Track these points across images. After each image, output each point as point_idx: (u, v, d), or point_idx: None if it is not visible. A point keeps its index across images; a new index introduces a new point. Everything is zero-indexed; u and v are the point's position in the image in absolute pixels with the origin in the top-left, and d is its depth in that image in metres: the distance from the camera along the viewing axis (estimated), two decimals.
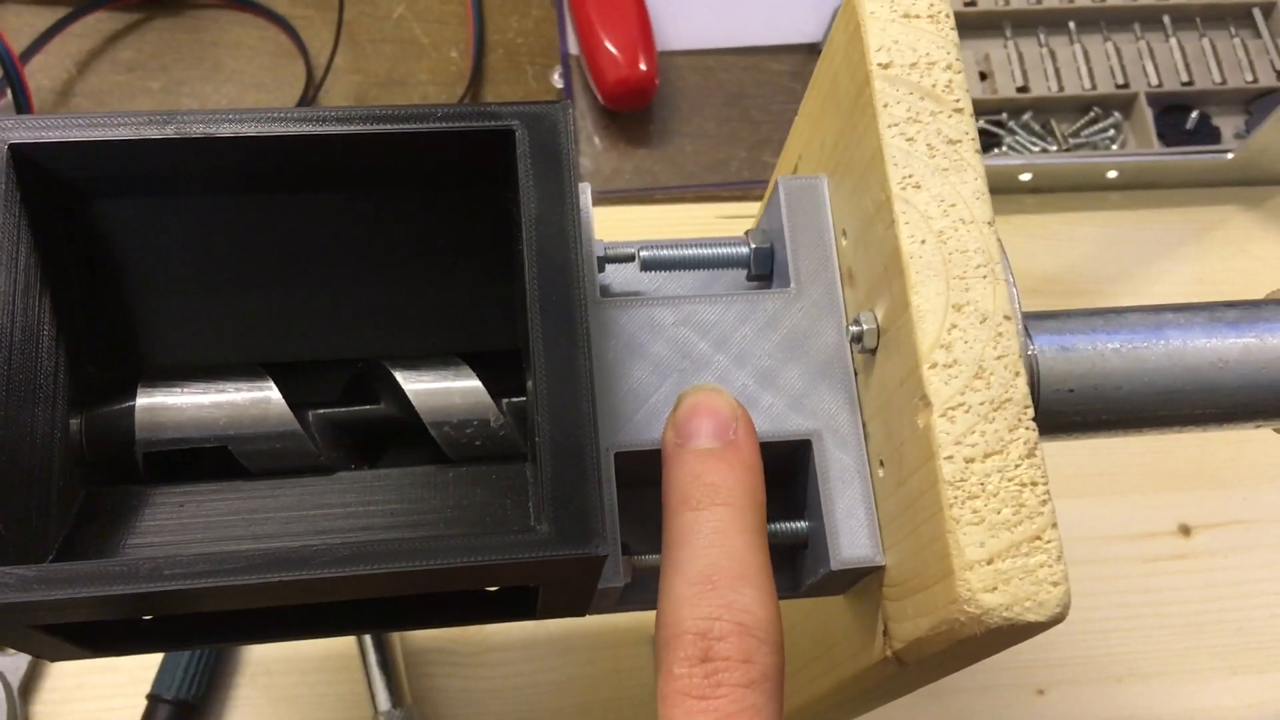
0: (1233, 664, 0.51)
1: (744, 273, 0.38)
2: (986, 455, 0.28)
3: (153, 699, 0.45)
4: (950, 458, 0.28)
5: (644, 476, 0.35)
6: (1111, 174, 0.57)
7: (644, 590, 0.35)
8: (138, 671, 0.46)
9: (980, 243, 0.30)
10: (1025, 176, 0.57)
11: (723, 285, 0.39)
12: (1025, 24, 0.62)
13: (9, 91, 0.51)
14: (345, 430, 0.34)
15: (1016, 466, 0.28)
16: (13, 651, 0.45)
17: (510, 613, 0.34)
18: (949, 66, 0.32)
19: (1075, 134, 0.60)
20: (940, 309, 0.29)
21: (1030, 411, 0.29)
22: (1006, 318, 0.30)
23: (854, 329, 0.32)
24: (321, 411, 0.34)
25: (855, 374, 0.34)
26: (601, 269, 0.36)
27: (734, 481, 0.30)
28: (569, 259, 0.30)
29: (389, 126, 0.30)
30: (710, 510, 0.30)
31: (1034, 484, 0.28)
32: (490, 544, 0.27)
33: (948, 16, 0.32)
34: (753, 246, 0.37)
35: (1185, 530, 0.53)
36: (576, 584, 0.31)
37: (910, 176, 0.31)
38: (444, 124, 0.31)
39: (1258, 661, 0.51)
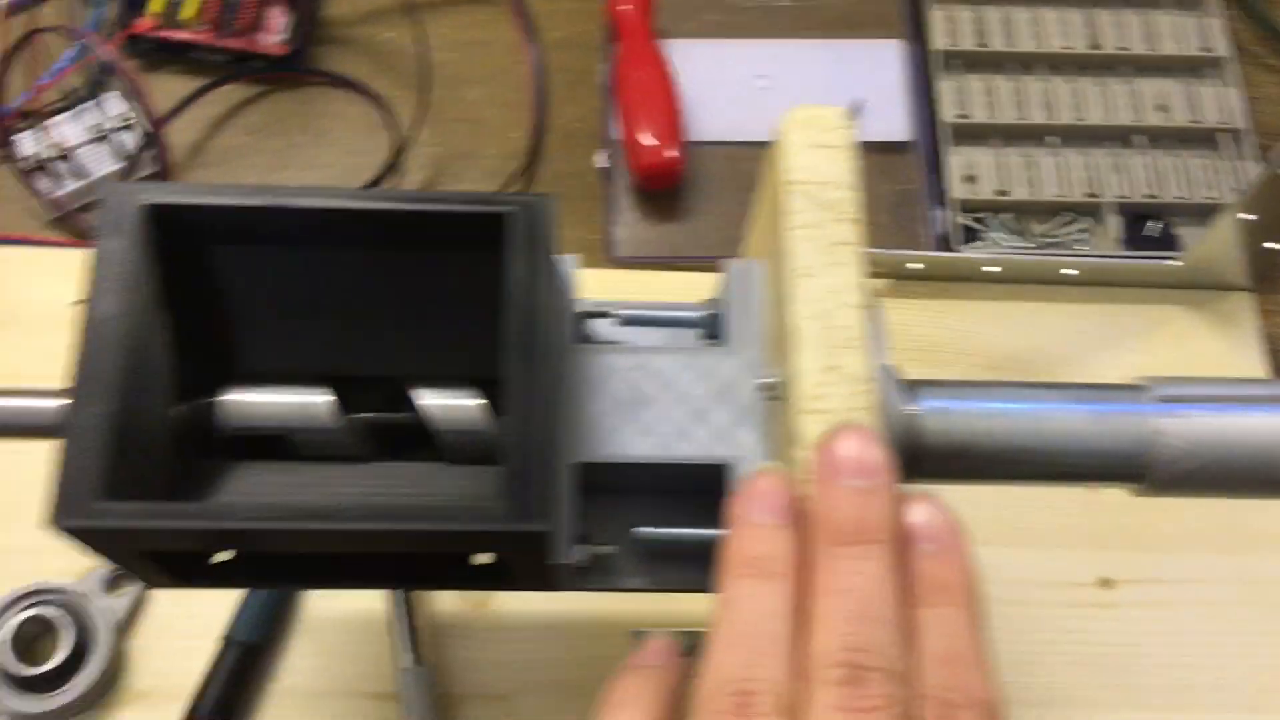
0: (1136, 701, 0.58)
1: (702, 331, 0.48)
2: None
3: (225, 640, 0.56)
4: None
5: (599, 485, 0.44)
6: (1068, 271, 0.65)
7: (602, 574, 0.45)
8: (212, 619, 0.57)
9: (854, 321, 0.39)
10: (994, 269, 0.66)
11: (685, 341, 0.49)
12: (1010, 135, 0.71)
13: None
14: (374, 431, 0.45)
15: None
16: (119, 594, 0.57)
17: (493, 582, 0.44)
18: (846, 186, 0.41)
19: (1048, 234, 0.69)
20: (815, 370, 0.39)
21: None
22: (867, 380, 0.39)
23: (762, 382, 0.42)
24: (359, 415, 0.45)
25: (767, 418, 0.43)
26: (583, 322, 0.46)
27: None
28: (539, 315, 0.40)
29: (421, 206, 0.41)
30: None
31: None
32: (458, 513, 0.37)
33: (850, 148, 0.42)
34: (705, 313, 0.47)
35: (1106, 583, 0.61)
36: (532, 557, 0.41)
37: (806, 267, 0.40)
38: (460, 206, 0.41)
39: (1160, 702, 0.58)
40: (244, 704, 0.56)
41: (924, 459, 0.43)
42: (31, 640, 0.56)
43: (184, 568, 0.42)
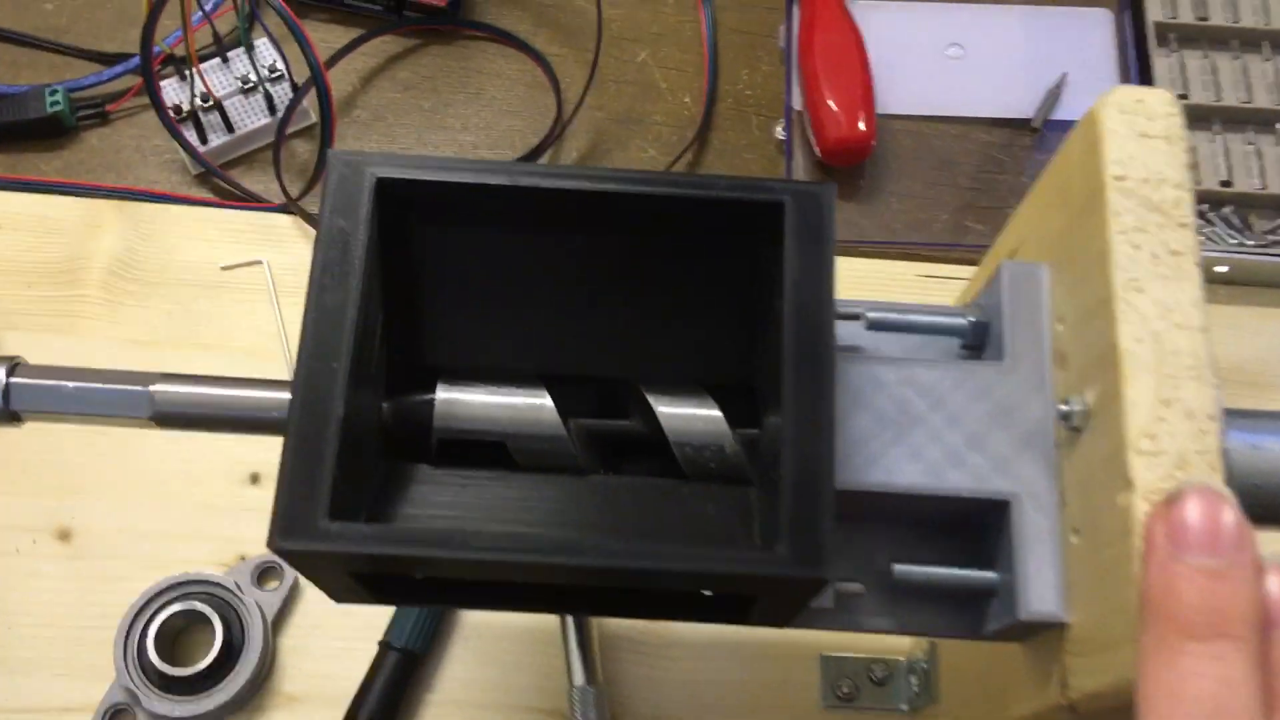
0: None
1: (956, 341, 0.42)
2: None
3: (384, 645, 0.51)
4: None
5: (848, 513, 0.39)
6: None
7: (845, 614, 0.40)
8: (371, 619, 0.52)
9: (1192, 346, 0.34)
10: (1222, 269, 0.60)
11: (935, 350, 0.43)
12: (1235, 120, 0.65)
13: (314, 95, 0.58)
14: (598, 439, 0.40)
15: None
16: (271, 588, 0.53)
17: (723, 616, 0.39)
18: (1179, 185, 0.35)
19: (1274, 231, 0.62)
20: (1150, 402, 0.33)
21: None
22: (1210, 418, 0.33)
23: (1063, 408, 0.36)
24: (582, 421, 0.39)
25: (1057, 447, 0.38)
26: None
27: None
28: (823, 320, 0.34)
29: (681, 191, 0.36)
30: None
31: None
32: (737, 556, 0.32)
33: (1181, 140, 0.36)
34: (971, 320, 0.41)
35: None
36: (793, 600, 0.36)
37: (1134, 280, 0.34)
38: (726, 193, 0.36)
39: None
40: (403, 715, 0.52)
41: None
42: (176, 635, 0.52)
43: (386, 587, 0.37)
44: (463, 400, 0.38)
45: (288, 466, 0.32)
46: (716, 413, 0.39)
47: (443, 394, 0.38)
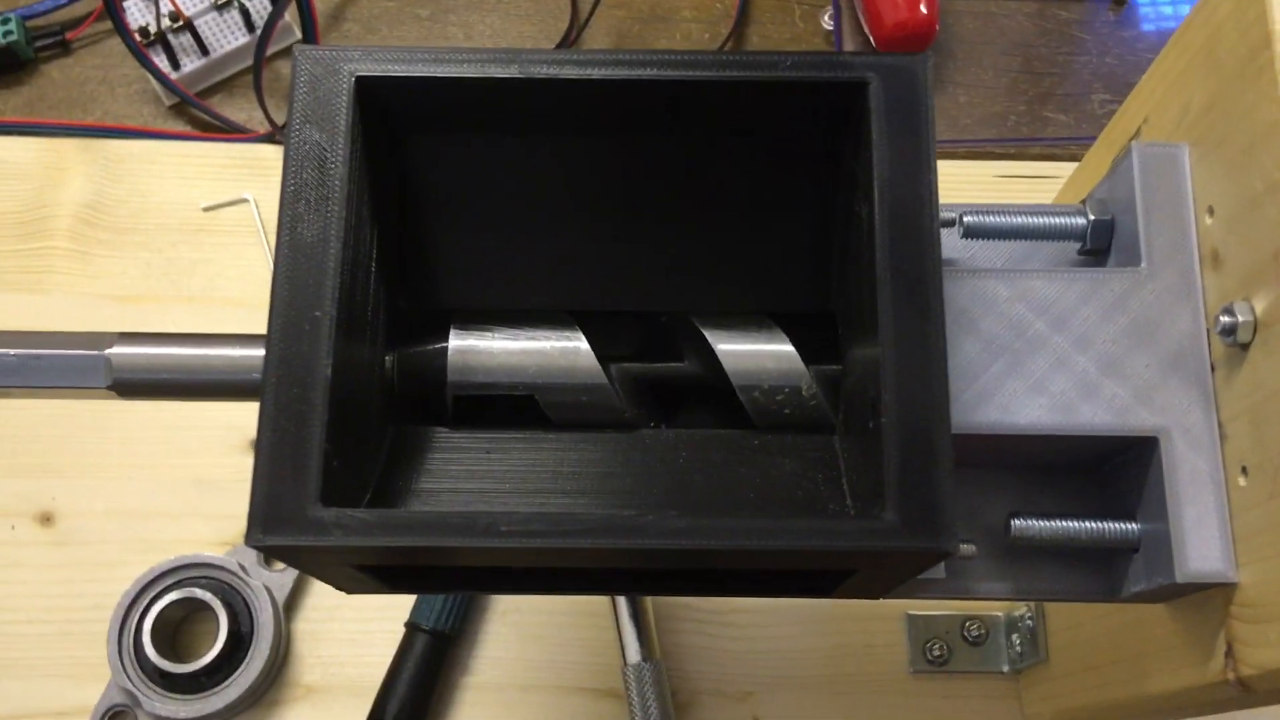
0: None
1: (1070, 245, 0.35)
2: None
3: (411, 627, 0.45)
4: None
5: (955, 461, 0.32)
6: None
7: (954, 579, 0.33)
8: (395, 598, 0.46)
9: None
10: None
11: (1043, 258, 0.36)
12: None
13: (297, 6, 0.52)
14: (646, 386, 0.33)
15: None
16: (280, 568, 0.47)
17: (805, 591, 0.32)
18: None
19: None
20: None
21: None
22: None
23: (1225, 319, 0.29)
24: (625, 365, 0.33)
25: (1213, 368, 0.30)
26: None
27: None
28: (924, 225, 0.28)
29: (737, 74, 0.29)
30: None
31: None
32: (835, 529, 0.26)
33: None
34: (1092, 218, 0.34)
35: None
36: (899, 573, 0.29)
37: None
38: (794, 73, 0.29)
39: None
40: (436, 703, 0.46)
41: None
42: (176, 627, 0.46)
43: (401, 576, 0.31)
44: (481, 347, 0.32)
45: (265, 443, 0.26)
46: (788, 347, 0.32)
47: (457, 341, 0.32)
